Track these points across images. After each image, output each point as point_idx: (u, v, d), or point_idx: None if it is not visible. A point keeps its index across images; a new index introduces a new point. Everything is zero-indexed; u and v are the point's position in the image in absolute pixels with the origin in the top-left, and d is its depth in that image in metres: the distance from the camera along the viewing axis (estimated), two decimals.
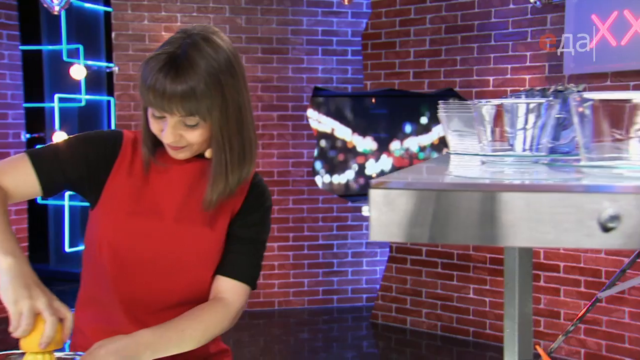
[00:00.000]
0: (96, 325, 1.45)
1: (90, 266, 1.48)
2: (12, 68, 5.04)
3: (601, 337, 4.10)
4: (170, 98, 1.28)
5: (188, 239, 1.43)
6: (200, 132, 1.35)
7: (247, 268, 1.47)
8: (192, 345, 1.37)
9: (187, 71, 1.29)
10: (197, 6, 5.07)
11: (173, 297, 1.44)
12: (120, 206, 1.43)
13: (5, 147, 5.01)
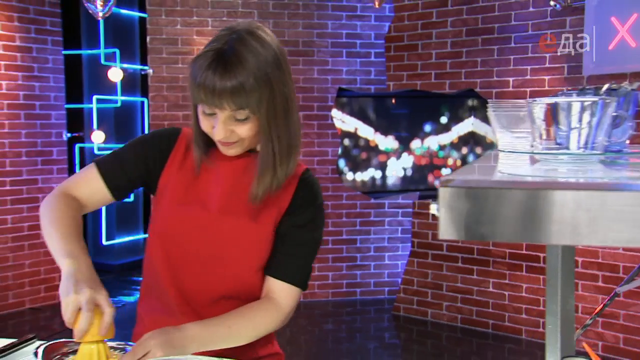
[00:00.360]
0: (153, 315, 1.45)
1: (148, 256, 1.47)
2: (55, 71, 5.07)
3: (619, 331, 4.04)
4: (221, 94, 1.25)
5: (232, 232, 1.40)
6: (250, 126, 1.32)
7: (297, 270, 1.41)
8: (239, 341, 1.35)
9: (236, 66, 1.26)
10: (227, 11, 5.05)
11: (218, 289, 1.41)
12: (170, 198, 1.42)
13: (48, 146, 5.04)
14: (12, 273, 4.89)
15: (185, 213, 1.41)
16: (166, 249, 1.40)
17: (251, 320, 1.35)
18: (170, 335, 1.22)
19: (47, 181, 5.05)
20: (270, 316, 1.37)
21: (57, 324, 4.93)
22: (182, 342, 1.23)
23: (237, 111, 1.29)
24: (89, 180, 1.42)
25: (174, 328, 1.25)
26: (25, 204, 4.93)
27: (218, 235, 1.39)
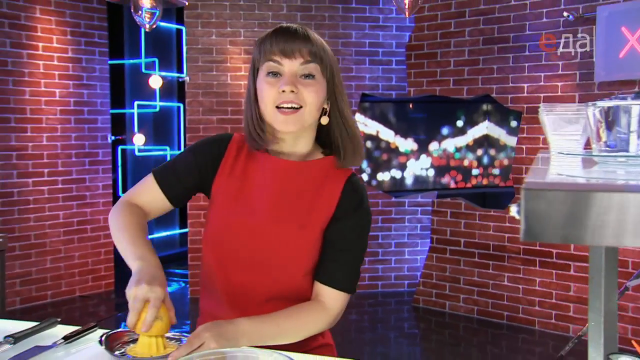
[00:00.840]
0: (211, 311, 1.44)
1: (203, 257, 1.46)
2: (101, 80, 5.13)
3: (627, 322, 3.98)
4: (295, 44, 1.28)
5: (280, 238, 1.36)
6: (315, 88, 1.30)
7: (344, 276, 1.37)
8: (286, 339, 1.32)
9: (303, 35, 1.31)
10: (258, 22, 5.06)
11: (267, 292, 1.38)
12: (221, 205, 1.40)
13: (94, 148, 5.10)
14: (64, 264, 4.96)
15: (235, 219, 1.38)
16: (218, 254, 1.39)
17: (299, 321, 1.33)
18: (224, 328, 1.21)
19: (94, 180, 5.11)
20: (317, 318, 1.35)
21: (103, 311, 5.01)
22: (234, 335, 1.22)
23: (307, 65, 1.29)
24: (149, 190, 1.42)
25: (227, 322, 1.24)
26: (74, 201, 4.99)
27: (267, 242, 1.36)
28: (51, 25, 4.79)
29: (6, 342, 1.26)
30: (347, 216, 1.37)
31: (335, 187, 1.38)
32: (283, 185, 1.38)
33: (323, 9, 5.11)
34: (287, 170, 1.38)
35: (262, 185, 1.39)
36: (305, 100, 1.29)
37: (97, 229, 5.15)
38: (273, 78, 1.30)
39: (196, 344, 1.14)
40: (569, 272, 4.16)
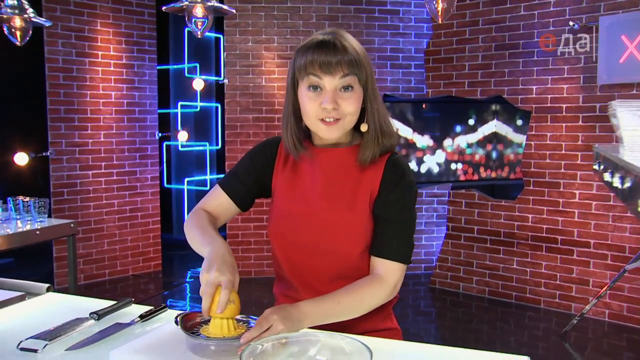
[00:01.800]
0: (284, 295, 1.47)
1: (272, 251, 1.47)
2: (150, 83, 5.35)
3: (623, 301, 4.10)
4: (335, 63, 1.27)
5: (333, 221, 1.35)
6: (353, 99, 1.30)
7: (396, 247, 1.33)
8: (349, 315, 1.29)
9: (344, 45, 1.29)
10: (290, 30, 5.24)
11: (329, 272, 1.38)
12: (279, 198, 1.43)
13: (144, 144, 5.34)
14: (119, 246, 5.23)
15: (291, 209, 1.40)
16: (281, 243, 1.41)
17: (358, 296, 1.29)
18: (288, 311, 1.19)
19: (143, 172, 5.36)
20: (376, 291, 1.31)
21: (152, 289, 5.24)
22: (298, 317, 1.19)
23: (345, 78, 1.29)
24: (216, 197, 1.45)
25: (291, 305, 1.22)
26: (127, 191, 5.25)
27: (322, 226, 1.36)
28: (109, 36, 5.05)
29: (91, 318, 1.33)
30: (391, 190, 1.35)
31: (377, 167, 1.37)
32: (329, 172, 1.39)
33: (349, 18, 5.26)
34: (331, 158, 1.39)
35: (311, 175, 1.40)
36: (345, 112, 1.31)
37: (146, 216, 5.41)
38: (314, 92, 1.31)
39: (265, 326, 1.12)
40: (572, 257, 4.29)
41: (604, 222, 4.15)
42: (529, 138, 4.43)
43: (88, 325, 1.30)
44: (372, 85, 1.34)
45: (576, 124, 4.22)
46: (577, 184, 4.25)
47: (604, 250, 4.16)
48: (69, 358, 1.16)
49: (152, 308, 1.40)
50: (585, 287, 4.25)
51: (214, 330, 1.15)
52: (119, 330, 1.29)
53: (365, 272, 1.37)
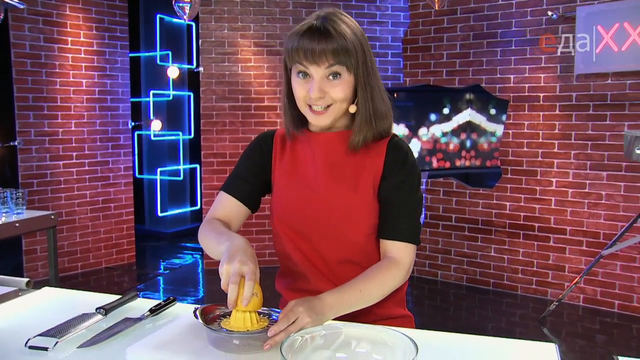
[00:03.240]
0: (287, 286, 1.45)
1: (277, 242, 1.44)
2: (122, 70, 5.22)
3: (597, 285, 4.20)
4: (321, 52, 1.24)
5: (337, 204, 1.34)
6: (342, 87, 1.28)
7: (405, 228, 1.33)
8: (369, 302, 1.28)
9: (331, 32, 1.25)
10: (267, 17, 5.16)
11: (336, 255, 1.36)
12: (279, 186, 1.41)
13: (117, 133, 5.21)
14: (91, 238, 5.10)
15: (295, 196, 1.38)
16: (287, 232, 1.38)
17: (377, 281, 1.28)
18: (313, 303, 1.17)
19: (116, 162, 5.23)
20: (392, 274, 1.30)
21: (126, 281, 5.13)
22: (322, 309, 1.17)
23: (334, 66, 1.25)
24: (223, 203, 1.41)
25: (315, 297, 1.19)
26: (99, 182, 5.12)
27: (326, 209, 1.34)
28: (79, 22, 4.88)
29: (99, 313, 1.27)
30: (395, 172, 1.34)
31: (379, 149, 1.36)
32: (329, 155, 1.37)
33: (325, 6, 5.20)
34: (329, 142, 1.37)
35: (310, 159, 1.38)
36: (334, 98, 1.29)
37: (119, 207, 5.29)
38: (303, 79, 1.29)
39: (292, 319, 1.10)
40: (549, 243, 4.37)
41: (579, 210, 4.23)
42: (507, 127, 4.48)
43: (96, 321, 1.25)
44: (364, 70, 1.29)
45: (553, 113, 4.29)
46: (553, 172, 4.32)
47: (580, 237, 4.24)
48: (81, 356, 1.10)
49: (160, 302, 1.36)
50: (562, 273, 4.34)
51: (236, 324, 1.12)
52: (129, 326, 1.24)
53: (373, 256, 1.36)
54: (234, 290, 1.08)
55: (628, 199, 4.04)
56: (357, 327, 1.01)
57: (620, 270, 4.10)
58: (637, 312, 4.05)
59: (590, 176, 4.18)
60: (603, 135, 4.10)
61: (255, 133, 5.26)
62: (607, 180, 4.11)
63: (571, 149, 4.23)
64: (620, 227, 3.99)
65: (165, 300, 1.36)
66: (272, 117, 5.21)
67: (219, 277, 1.13)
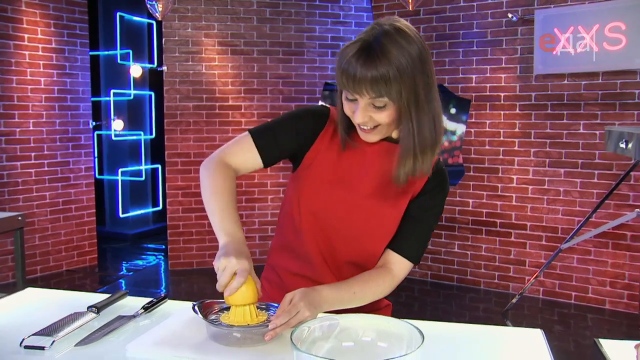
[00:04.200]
0: (287, 267, 1.44)
1: (287, 220, 1.42)
2: (82, 69, 5.11)
3: (555, 278, 4.36)
4: (360, 81, 1.17)
5: (373, 215, 1.34)
6: (387, 113, 1.23)
7: (416, 247, 1.36)
8: (359, 303, 1.31)
9: (379, 58, 1.17)
10: (230, 16, 5.15)
11: (349, 257, 1.38)
12: (320, 174, 1.36)
13: (77, 133, 5.09)
14: (51, 241, 4.97)
15: (332, 191, 1.35)
16: (311, 220, 1.36)
17: (372, 287, 1.31)
18: (312, 296, 1.19)
19: (77, 163, 5.11)
20: (386, 284, 1.33)
21: (88, 284, 5.03)
22: (319, 302, 1.20)
23: (376, 99, 1.20)
24: (244, 149, 1.35)
25: (312, 289, 1.21)
26: (60, 182, 4.99)
27: (361, 216, 1.34)
28: (36, 18, 4.75)
29: (91, 311, 1.27)
30: (432, 196, 1.36)
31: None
32: (380, 166, 1.35)
33: (290, 5, 5.24)
34: (382, 152, 1.35)
35: (359, 163, 1.36)
36: (378, 121, 1.26)
37: (80, 209, 5.17)
38: (349, 101, 1.26)
39: (294, 312, 1.13)
40: (510, 239, 4.51)
41: (539, 205, 4.38)
42: (469, 125, 4.59)
43: (89, 320, 1.25)
44: (413, 99, 1.21)
45: (514, 112, 4.42)
46: (514, 170, 4.46)
47: (540, 232, 4.39)
48: (80, 354, 1.10)
49: (152, 299, 1.36)
50: (522, 267, 4.48)
51: (236, 319, 1.14)
52: (124, 323, 1.24)
53: (375, 263, 1.38)
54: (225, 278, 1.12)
55: (584, 195, 4.21)
56: (362, 317, 1.05)
57: (577, 263, 4.27)
58: (592, 302, 4.23)
59: (549, 173, 4.33)
60: (560, 133, 4.26)
61: (220, 133, 5.28)
62: (565, 177, 4.27)
63: (531, 147, 4.38)
64: (577, 221, 4.15)
65: (157, 298, 1.37)
66: (237, 117, 5.20)
67: (183, 277, 1.15)
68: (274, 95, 5.26)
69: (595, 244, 4.17)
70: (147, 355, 1.08)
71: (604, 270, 4.18)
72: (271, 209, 5.27)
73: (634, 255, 4.06)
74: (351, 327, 1.00)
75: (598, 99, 4.11)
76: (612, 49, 3.98)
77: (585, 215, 3.96)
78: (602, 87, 4.09)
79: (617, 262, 4.13)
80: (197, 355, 1.07)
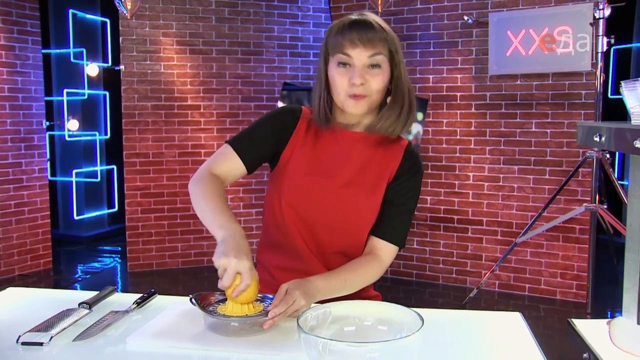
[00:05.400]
0: (277, 264, 1.48)
1: (270, 217, 1.47)
2: (35, 67, 4.96)
3: (510, 272, 4.52)
4: (360, 39, 1.31)
5: (352, 202, 1.40)
6: (381, 77, 1.35)
7: (399, 232, 1.42)
8: (350, 291, 1.36)
9: (373, 26, 1.33)
10: (189, 16, 5.11)
11: (335, 247, 1.43)
12: (297, 169, 1.42)
13: (30, 133, 4.94)
14: (3, 245, 4.80)
15: (310, 183, 1.40)
16: (293, 213, 1.41)
17: (361, 274, 1.36)
18: (305, 286, 1.23)
19: (30, 164, 4.97)
20: (374, 270, 1.39)
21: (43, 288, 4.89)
22: (313, 291, 1.24)
23: (374, 57, 1.32)
24: (227, 159, 1.41)
25: (305, 280, 1.26)
26: (11, 184, 4.83)
27: (340, 205, 1.39)
28: None
29: (83, 308, 1.28)
30: (406, 178, 1.43)
31: (396, 153, 1.44)
32: (353, 154, 1.42)
33: (248, 5, 5.24)
34: (355, 141, 1.42)
35: (333, 154, 1.42)
36: (372, 88, 1.35)
37: (34, 211, 5.03)
38: (343, 68, 1.35)
39: (290, 301, 1.17)
40: (467, 234, 4.66)
41: (494, 202, 4.55)
42: (427, 124, 4.72)
43: (83, 316, 1.25)
44: (401, 63, 1.38)
45: (469, 111, 4.57)
46: (470, 167, 4.61)
47: (495, 227, 4.56)
48: (79, 348, 1.10)
49: (143, 294, 1.38)
50: (479, 261, 4.64)
51: (234, 310, 1.17)
52: (118, 319, 1.25)
53: (361, 251, 1.43)
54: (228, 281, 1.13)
55: (536, 191, 4.40)
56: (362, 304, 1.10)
57: (530, 256, 4.45)
58: (544, 293, 4.42)
59: (503, 170, 4.50)
60: (514, 132, 4.43)
61: (179, 133, 5.23)
62: (518, 173, 4.45)
63: (486, 145, 4.54)
64: (531, 216, 4.33)
65: (147, 293, 1.38)
66: (196, 117, 5.17)
67: (142, 279, 1.17)
68: (233, 94, 5.26)
69: (547, 237, 4.36)
70: (147, 348, 1.10)
71: (555, 263, 4.37)
72: (231, 208, 5.26)
73: (582, 247, 4.26)
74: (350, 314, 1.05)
75: (549, 99, 4.30)
76: (561, 52, 4.18)
77: (538, 210, 4.14)
78: (552, 87, 4.28)
79: (567, 254, 4.33)
80: (196, 345, 1.10)
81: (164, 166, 5.13)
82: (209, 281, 4.88)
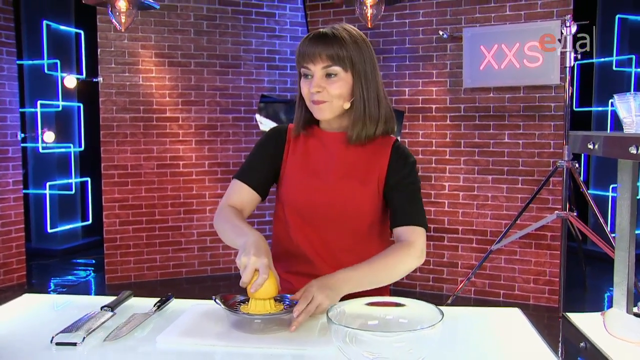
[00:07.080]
0: (288, 269, 1.53)
1: (280, 228, 1.54)
2: (10, 79, 4.92)
3: (485, 278, 4.67)
4: (314, 52, 1.41)
5: (345, 194, 1.46)
6: (338, 84, 1.43)
7: (415, 213, 1.44)
8: (385, 281, 1.37)
9: (331, 36, 1.42)
10: (168, 28, 5.15)
11: (340, 243, 1.48)
12: (292, 174, 1.52)
13: (4, 145, 4.89)
14: None
15: (306, 183, 1.49)
16: (296, 216, 1.49)
17: (390, 262, 1.37)
18: (325, 280, 1.27)
19: (4, 177, 4.91)
20: (406, 255, 1.38)
21: None
22: (336, 283, 1.26)
23: (329, 67, 1.41)
24: (237, 191, 1.52)
25: (327, 275, 1.28)
26: None
27: (337, 197, 1.46)
28: None
29: (106, 311, 1.31)
30: (399, 169, 1.49)
31: (384, 151, 1.50)
32: (340, 153, 1.51)
33: (226, 19, 5.31)
34: (339, 142, 1.51)
35: (323, 153, 1.51)
36: (331, 94, 1.43)
37: (8, 224, 4.96)
38: (306, 79, 1.46)
39: (309, 298, 1.21)
40: (444, 243, 4.79)
41: (469, 210, 4.70)
42: (403, 136, 4.85)
43: (109, 317, 1.30)
44: (362, 73, 1.43)
45: (445, 123, 4.73)
46: (446, 177, 4.76)
47: (470, 235, 4.70)
48: (112, 348, 1.16)
49: (162, 298, 1.43)
50: (455, 269, 4.77)
51: (256, 309, 1.22)
52: (142, 320, 1.30)
53: (373, 248, 1.48)
54: (248, 276, 1.20)
55: (510, 200, 4.57)
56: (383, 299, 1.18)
57: (504, 263, 4.61)
58: (518, 299, 4.57)
59: (478, 180, 4.66)
60: (488, 143, 4.60)
61: (158, 145, 5.24)
62: (492, 183, 4.61)
63: (461, 155, 4.69)
64: (505, 224, 4.49)
65: (165, 297, 1.44)
66: (174, 128, 5.20)
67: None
68: (211, 107, 5.31)
69: (520, 244, 4.52)
70: (176, 346, 1.15)
71: (528, 269, 4.54)
72: (209, 219, 5.28)
73: (553, 253, 4.44)
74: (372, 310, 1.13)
75: (520, 111, 4.48)
76: (531, 66, 4.37)
77: (512, 218, 4.29)
78: (524, 100, 4.46)
79: (539, 260, 4.50)
80: (223, 342, 1.16)
81: (142, 178, 5.13)
82: (188, 293, 4.89)
